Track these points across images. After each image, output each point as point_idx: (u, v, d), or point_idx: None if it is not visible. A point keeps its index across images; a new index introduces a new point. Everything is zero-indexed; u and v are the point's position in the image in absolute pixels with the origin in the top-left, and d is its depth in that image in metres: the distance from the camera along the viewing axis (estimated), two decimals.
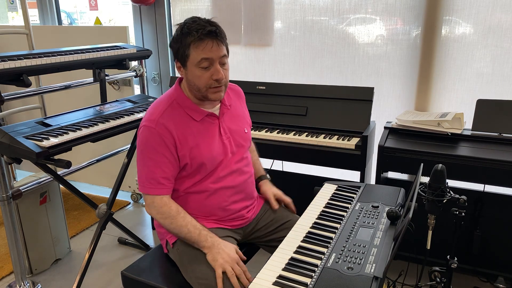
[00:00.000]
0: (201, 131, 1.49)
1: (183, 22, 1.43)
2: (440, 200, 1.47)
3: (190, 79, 1.44)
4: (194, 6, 3.01)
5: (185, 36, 1.39)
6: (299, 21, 2.72)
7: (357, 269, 1.12)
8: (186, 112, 1.48)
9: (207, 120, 1.52)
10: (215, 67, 1.40)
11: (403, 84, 2.55)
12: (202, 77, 1.41)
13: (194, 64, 1.40)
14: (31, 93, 2.14)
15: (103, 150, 2.94)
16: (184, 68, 1.44)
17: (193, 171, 1.49)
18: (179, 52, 1.42)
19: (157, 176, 1.44)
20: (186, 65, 1.42)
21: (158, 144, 1.42)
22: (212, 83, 1.42)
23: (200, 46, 1.37)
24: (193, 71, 1.41)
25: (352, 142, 2.14)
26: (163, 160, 1.43)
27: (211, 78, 1.41)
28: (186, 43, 1.38)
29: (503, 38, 2.26)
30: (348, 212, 1.44)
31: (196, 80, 1.42)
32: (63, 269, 2.47)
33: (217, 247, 1.40)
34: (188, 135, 1.47)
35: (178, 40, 1.41)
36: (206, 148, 1.49)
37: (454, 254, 1.63)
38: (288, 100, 2.45)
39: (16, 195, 2.02)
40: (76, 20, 7.54)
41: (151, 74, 3.30)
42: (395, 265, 2.34)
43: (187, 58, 1.40)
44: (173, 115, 1.46)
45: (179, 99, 1.49)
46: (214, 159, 1.50)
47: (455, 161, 1.93)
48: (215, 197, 1.54)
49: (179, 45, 1.41)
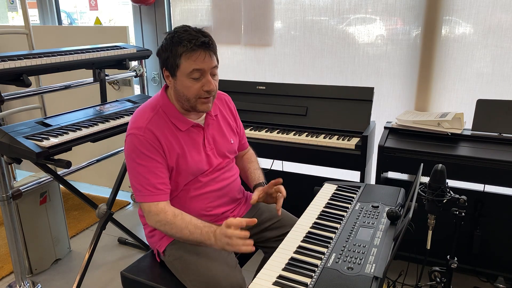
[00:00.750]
0: (186, 141, 1.48)
1: (173, 31, 1.40)
2: (440, 200, 1.47)
3: (179, 89, 1.41)
4: (194, 6, 3.01)
5: (175, 45, 1.36)
6: (299, 21, 2.72)
7: (357, 269, 1.12)
8: (171, 121, 1.46)
9: (192, 130, 1.50)
10: (207, 78, 1.38)
11: (403, 84, 2.55)
12: (192, 88, 1.38)
13: (185, 74, 1.37)
14: (31, 93, 2.13)
15: (103, 150, 2.93)
16: (173, 78, 1.41)
17: (177, 178, 1.48)
18: (168, 61, 1.39)
19: (153, 182, 1.40)
20: (176, 75, 1.39)
21: (148, 150, 1.39)
22: (202, 93, 1.40)
23: (192, 56, 1.35)
24: (183, 81, 1.38)
25: (352, 142, 2.14)
26: (156, 165, 1.41)
27: (201, 89, 1.39)
28: (177, 53, 1.35)
29: (503, 38, 2.26)
30: (348, 212, 1.44)
31: (185, 90, 1.39)
32: (63, 269, 2.47)
33: (219, 238, 1.31)
34: (174, 143, 1.45)
35: (167, 49, 1.38)
36: (191, 159, 1.47)
37: (454, 254, 1.63)
38: (288, 100, 2.45)
39: (16, 195, 2.02)
40: (76, 20, 7.54)
41: (151, 74, 3.30)
42: (395, 265, 2.34)
43: (177, 68, 1.37)
44: (159, 123, 1.43)
45: (165, 106, 1.46)
46: (198, 168, 1.49)
47: (455, 161, 1.93)
48: (197, 203, 1.53)
49: (169, 54, 1.37)
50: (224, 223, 1.30)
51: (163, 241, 1.55)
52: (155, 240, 1.58)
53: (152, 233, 1.59)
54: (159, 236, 1.56)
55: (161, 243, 1.55)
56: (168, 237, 1.52)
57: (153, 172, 1.40)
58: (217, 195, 1.56)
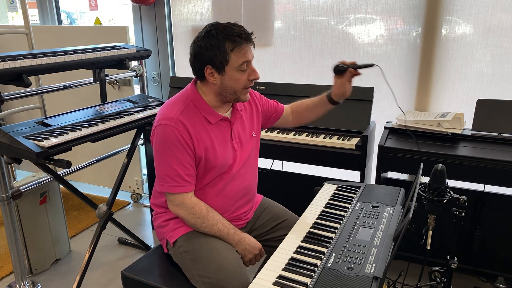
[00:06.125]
0: (216, 134, 1.50)
1: (207, 29, 1.41)
2: (440, 200, 1.47)
3: (227, 83, 1.44)
4: (194, 6, 3.01)
5: (222, 41, 1.38)
6: (299, 21, 2.72)
7: (357, 269, 1.12)
8: (202, 114, 1.48)
9: (220, 124, 1.52)
10: (252, 68, 1.46)
11: (403, 84, 2.55)
12: (241, 80, 1.44)
13: (235, 68, 1.41)
14: (31, 93, 2.14)
15: (103, 150, 2.93)
16: (221, 74, 1.42)
17: (203, 173, 1.50)
18: (216, 58, 1.39)
19: (181, 173, 1.43)
20: (224, 70, 1.41)
21: (178, 142, 1.42)
22: (248, 83, 1.46)
23: (242, 50, 1.40)
24: (232, 75, 1.42)
25: (352, 142, 2.14)
26: (185, 157, 1.43)
27: (247, 79, 1.45)
28: (226, 48, 1.38)
29: (503, 38, 2.26)
30: (348, 212, 1.44)
31: (234, 83, 1.44)
32: (63, 269, 2.47)
33: (243, 243, 1.50)
34: (204, 136, 1.47)
35: (213, 46, 1.39)
36: (220, 151, 1.50)
37: (454, 254, 1.63)
38: (288, 100, 2.44)
39: (16, 195, 2.02)
40: (76, 20, 7.54)
41: (151, 74, 3.30)
42: (395, 265, 2.34)
43: (227, 63, 1.40)
44: (190, 115, 1.46)
45: (196, 101, 1.49)
46: (225, 162, 1.52)
47: (455, 161, 1.93)
48: (220, 199, 1.55)
49: (216, 51, 1.39)
50: (260, 247, 1.54)
51: (176, 232, 1.55)
52: (168, 230, 1.57)
53: (166, 223, 1.59)
54: (173, 226, 1.56)
55: (174, 233, 1.55)
56: (182, 229, 1.54)
57: (181, 164, 1.43)
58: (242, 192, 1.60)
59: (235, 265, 1.43)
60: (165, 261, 1.60)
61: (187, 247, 1.50)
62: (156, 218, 1.64)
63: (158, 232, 1.64)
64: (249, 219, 1.67)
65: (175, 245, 1.54)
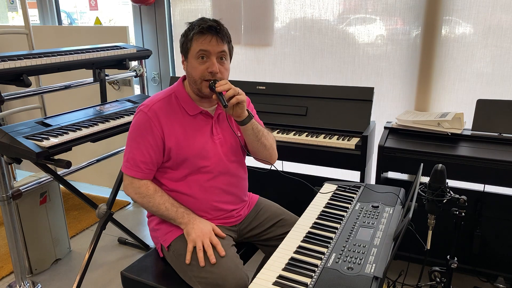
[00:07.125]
0: (191, 126, 1.53)
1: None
2: (440, 200, 1.47)
3: (189, 71, 1.50)
4: (194, 6, 3.01)
5: (190, 30, 1.48)
6: (299, 21, 2.72)
7: (357, 269, 1.12)
8: (182, 105, 1.53)
9: (200, 117, 1.55)
10: (212, 61, 1.46)
11: (403, 84, 2.55)
12: (198, 69, 1.47)
13: (193, 55, 1.47)
14: (31, 93, 2.14)
15: (103, 150, 2.94)
16: (186, 61, 1.52)
17: (177, 163, 1.52)
18: (183, 46, 1.51)
19: (136, 158, 1.50)
20: (188, 58, 1.50)
21: (145, 128, 1.48)
22: (206, 75, 1.47)
23: (200, 39, 1.45)
24: (191, 62, 1.48)
25: (352, 142, 2.14)
26: (145, 144, 1.49)
27: (206, 70, 1.46)
28: (189, 36, 1.47)
29: (503, 38, 2.26)
30: (348, 212, 1.44)
31: (193, 71, 1.48)
32: (63, 269, 2.47)
33: (192, 223, 1.49)
34: (177, 127, 1.50)
35: (184, 34, 1.51)
36: (194, 143, 1.51)
37: (454, 254, 1.63)
38: (288, 100, 2.45)
39: (16, 195, 2.02)
40: (76, 20, 7.53)
41: (151, 74, 3.30)
42: (395, 265, 2.34)
43: (189, 50, 1.48)
44: (168, 106, 1.52)
45: (178, 92, 1.56)
46: (199, 154, 1.52)
47: (455, 161, 1.93)
48: (206, 194, 1.55)
49: (184, 39, 1.50)
50: (213, 226, 1.50)
51: (168, 235, 1.55)
52: (160, 235, 1.58)
53: (157, 227, 1.60)
54: (165, 230, 1.57)
55: (167, 237, 1.55)
56: (174, 232, 1.54)
57: (139, 149, 1.49)
58: (226, 190, 1.59)
59: (231, 263, 1.43)
60: (165, 261, 1.60)
61: (182, 250, 1.49)
62: (149, 222, 1.65)
63: (152, 236, 1.64)
64: (241, 216, 1.66)
65: (170, 249, 1.54)
